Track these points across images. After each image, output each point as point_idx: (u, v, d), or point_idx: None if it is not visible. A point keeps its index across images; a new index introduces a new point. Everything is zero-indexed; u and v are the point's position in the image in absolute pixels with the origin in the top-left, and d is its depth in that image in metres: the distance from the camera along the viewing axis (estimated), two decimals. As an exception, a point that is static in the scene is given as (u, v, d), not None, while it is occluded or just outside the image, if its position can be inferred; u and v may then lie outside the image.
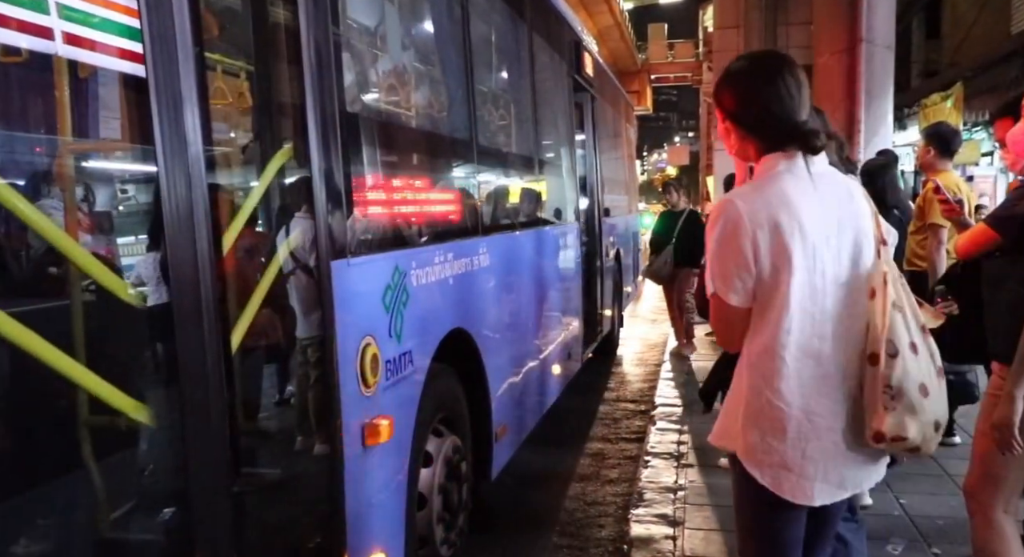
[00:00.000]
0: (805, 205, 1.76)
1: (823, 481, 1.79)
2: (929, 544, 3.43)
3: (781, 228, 1.73)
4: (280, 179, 2.27)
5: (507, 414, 3.96)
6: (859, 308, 1.80)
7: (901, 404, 1.74)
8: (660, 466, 4.59)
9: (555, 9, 5.90)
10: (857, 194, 1.87)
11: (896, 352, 1.75)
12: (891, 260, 1.87)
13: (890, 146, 8.57)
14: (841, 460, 1.81)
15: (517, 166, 4.82)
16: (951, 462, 4.29)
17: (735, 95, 1.85)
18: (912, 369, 1.76)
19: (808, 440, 1.77)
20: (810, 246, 1.75)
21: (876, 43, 8.63)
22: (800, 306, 1.75)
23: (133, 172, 2.36)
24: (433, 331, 2.99)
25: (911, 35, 17.46)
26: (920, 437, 1.77)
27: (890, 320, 1.76)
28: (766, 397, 1.79)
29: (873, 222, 1.86)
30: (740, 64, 1.89)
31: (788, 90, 1.78)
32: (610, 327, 8.02)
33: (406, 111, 3.26)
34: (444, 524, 3.11)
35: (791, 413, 1.77)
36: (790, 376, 1.76)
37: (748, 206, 1.75)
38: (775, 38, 13.41)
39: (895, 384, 1.74)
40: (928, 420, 1.78)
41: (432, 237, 3.07)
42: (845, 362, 1.80)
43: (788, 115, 1.79)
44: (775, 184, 1.78)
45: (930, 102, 13.92)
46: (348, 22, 2.68)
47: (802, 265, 1.74)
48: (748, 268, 1.76)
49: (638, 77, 38.06)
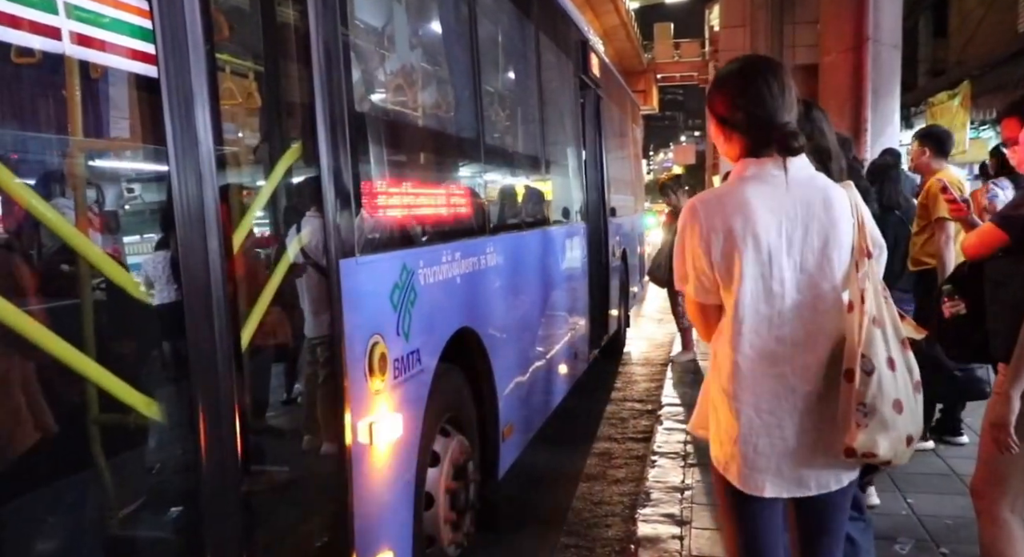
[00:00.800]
0: (764, 212, 1.81)
1: (776, 475, 1.87)
2: (937, 544, 3.42)
3: (734, 233, 1.80)
4: (289, 178, 2.28)
5: (514, 414, 3.97)
6: (825, 316, 1.85)
7: (873, 421, 1.78)
8: (667, 466, 4.60)
9: (562, 9, 5.91)
10: (837, 203, 1.86)
11: (872, 369, 1.78)
12: (875, 272, 1.88)
13: (897, 145, 8.56)
14: (796, 459, 1.86)
15: (524, 166, 4.82)
16: (959, 461, 4.29)
17: (721, 96, 1.91)
18: (888, 386, 1.80)
19: (759, 436, 1.85)
20: (764, 252, 1.81)
21: (883, 42, 8.62)
22: (753, 309, 1.83)
23: (143, 171, 2.37)
24: (440, 330, 3.00)
25: (918, 33, 17.43)
26: (892, 453, 1.82)
27: (868, 335, 1.79)
28: (720, 392, 1.90)
29: (856, 233, 1.87)
30: (728, 67, 1.95)
31: (771, 91, 1.84)
32: (616, 327, 8.01)
33: (414, 111, 3.27)
34: (451, 524, 3.12)
35: (742, 409, 1.86)
36: (743, 375, 1.85)
37: (705, 210, 1.85)
38: (782, 37, 13.41)
39: (868, 402, 1.78)
40: (900, 435, 1.82)
41: (440, 236, 3.08)
42: (804, 367, 1.85)
43: (769, 116, 1.83)
44: (738, 190, 1.85)
45: (937, 101, 13.89)
46: (356, 22, 2.69)
47: (754, 271, 1.81)
48: (703, 268, 1.86)
49: (644, 76, 38.08)
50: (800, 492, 1.89)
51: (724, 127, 1.91)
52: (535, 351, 4.48)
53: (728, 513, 2.01)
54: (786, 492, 1.89)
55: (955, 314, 2.91)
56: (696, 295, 1.92)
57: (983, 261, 2.73)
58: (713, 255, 1.83)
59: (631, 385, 7.32)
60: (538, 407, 4.56)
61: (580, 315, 5.89)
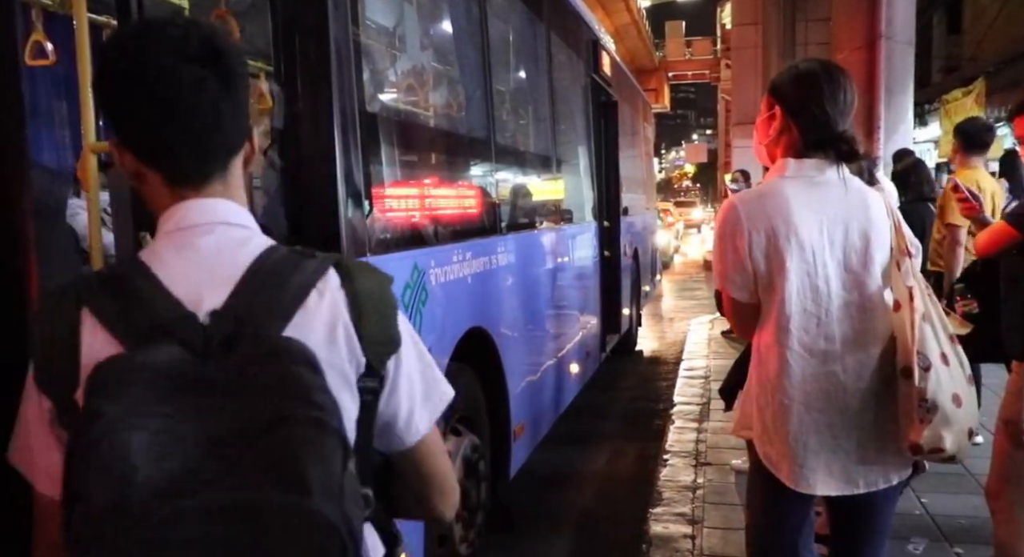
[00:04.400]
0: (805, 211, 1.83)
1: (827, 473, 1.87)
2: (951, 543, 3.41)
3: (776, 233, 1.83)
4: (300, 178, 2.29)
5: (525, 413, 3.97)
6: (872, 314, 1.86)
7: (936, 416, 1.78)
8: (679, 465, 4.59)
9: (573, 8, 5.91)
10: (874, 204, 1.90)
11: (929, 365, 1.78)
12: (918, 273, 1.89)
13: (911, 143, 8.51)
14: (847, 457, 1.87)
15: (535, 165, 4.83)
16: (973, 461, 4.24)
17: (798, 90, 1.92)
18: (945, 380, 1.80)
19: (809, 433, 1.86)
20: (808, 252, 1.83)
21: (896, 39, 8.55)
22: (800, 307, 1.84)
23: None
24: (451, 330, 3.00)
25: (932, 30, 17.32)
26: (956, 446, 1.82)
27: (921, 332, 1.79)
28: (771, 390, 1.90)
29: (894, 234, 1.89)
30: (808, 65, 1.98)
31: (845, 97, 1.89)
32: (628, 325, 8.01)
33: (425, 111, 3.28)
34: (462, 522, 3.13)
35: (792, 406, 1.86)
36: (792, 372, 1.86)
37: (746, 209, 1.87)
38: (794, 34, 13.35)
39: (930, 397, 1.78)
40: (962, 428, 1.83)
41: (451, 236, 3.08)
42: (857, 364, 1.86)
43: (835, 121, 1.88)
44: (778, 190, 1.87)
45: (951, 98, 13.82)
46: (368, 22, 2.70)
47: (799, 269, 1.82)
48: (744, 267, 1.88)
49: (656, 75, 38.02)
50: (848, 490, 1.90)
51: (786, 119, 1.92)
52: (546, 350, 4.48)
53: (765, 507, 2.02)
54: (835, 490, 1.89)
55: (967, 313, 2.90)
56: (736, 293, 1.94)
57: (996, 259, 2.72)
58: (755, 254, 1.85)
59: (643, 384, 7.31)
60: (549, 406, 4.57)
61: (591, 314, 5.89)
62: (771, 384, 1.89)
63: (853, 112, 1.91)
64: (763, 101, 2.01)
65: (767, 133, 1.97)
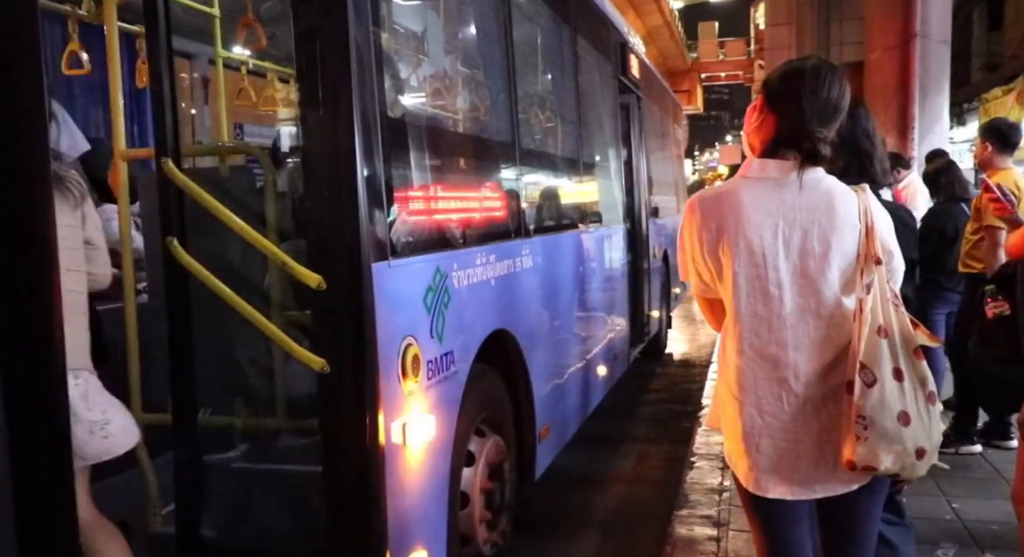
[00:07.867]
0: (759, 213, 1.80)
1: (780, 477, 1.85)
2: (982, 549, 3.35)
3: (726, 233, 1.82)
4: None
5: (551, 415, 3.98)
6: (829, 322, 1.81)
7: (873, 434, 1.73)
8: (705, 467, 4.57)
9: (600, 11, 5.91)
10: (841, 208, 1.82)
11: (874, 381, 1.73)
12: (883, 280, 1.81)
13: (946, 143, 8.38)
14: (799, 463, 1.84)
15: (561, 168, 4.84)
16: (1007, 466, 4.17)
17: (783, 79, 1.90)
18: (892, 398, 1.74)
19: (761, 436, 1.84)
20: (758, 255, 1.80)
21: (931, 38, 8.43)
22: (750, 311, 1.82)
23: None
24: (475, 332, 3.03)
25: (972, 27, 17.00)
26: (898, 465, 1.76)
27: (869, 345, 1.75)
28: (726, 389, 1.91)
29: (862, 239, 1.82)
30: (804, 61, 1.93)
31: (828, 95, 1.83)
32: (658, 328, 7.97)
33: (449, 114, 3.31)
34: (486, 523, 3.15)
35: (746, 409, 1.85)
36: (744, 374, 1.85)
37: (703, 208, 1.88)
38: (828, 34, 13.19)
39: (868, 414, 1.73)
40: (909, 448, 1.75)
41: (474, 239, 3.10)
42: (811, 372, 1.81)
43: (811, 115, 1.82)
44: (735, 190, 1.86)
45: (991, 96, 13.55)
46: (393, 26, 2.73)
47: (747, 272, 1.81)
48: (700, 264, 1.89)
49: (688, 76, 37.75)
50: (805, 495, 1.87)
51: (766, 110, 1.90)
52: (573, 353, 4.49)
53: (747, 513, 2.01)
54: (790, 495, 1.86)
55: (998, 315, 2.86)
56: (696, 289, 1.98)
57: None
58: (706, 253, 1.86)
59: (671, 387, 7.28)
60: (576, 408, 4.57)
61: (620, 316, 5.88)
62: (727, 382, 1.89)
63: (838, 115, 1.84)
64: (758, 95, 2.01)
65: (751, 123, 1.96)
